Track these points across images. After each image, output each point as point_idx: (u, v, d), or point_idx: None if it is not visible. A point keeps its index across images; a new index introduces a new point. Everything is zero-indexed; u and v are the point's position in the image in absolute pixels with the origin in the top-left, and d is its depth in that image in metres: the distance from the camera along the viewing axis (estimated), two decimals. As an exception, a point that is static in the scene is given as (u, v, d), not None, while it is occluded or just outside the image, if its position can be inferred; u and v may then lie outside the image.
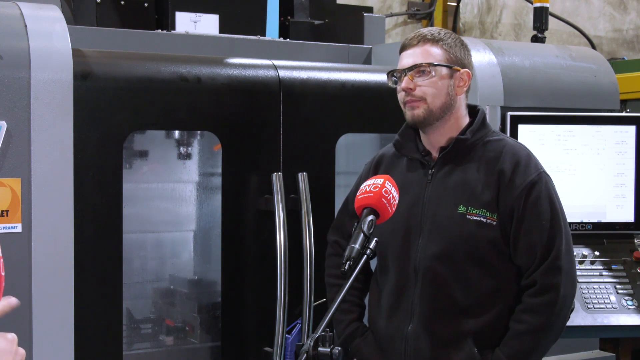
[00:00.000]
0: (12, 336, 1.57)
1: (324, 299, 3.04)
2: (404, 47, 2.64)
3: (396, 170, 2.69)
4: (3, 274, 1.56)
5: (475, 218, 2.53)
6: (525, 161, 2.58)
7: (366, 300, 2.83)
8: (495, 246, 2.54)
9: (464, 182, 2.57)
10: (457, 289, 2.54)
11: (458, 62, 2.60)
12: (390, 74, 2.65)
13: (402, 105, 2.63)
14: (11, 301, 1.58)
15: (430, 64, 2.55)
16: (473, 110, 2.69)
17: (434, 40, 2.59)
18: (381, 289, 2.71)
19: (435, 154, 2.64)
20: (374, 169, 2.77)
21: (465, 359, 2.53)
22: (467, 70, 2.62)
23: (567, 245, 2.57)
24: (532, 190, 2.54)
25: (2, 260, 1.54)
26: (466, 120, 2.66)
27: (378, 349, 2.69)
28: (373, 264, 2.80)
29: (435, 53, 2.58)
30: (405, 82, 2.57)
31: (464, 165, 2.59)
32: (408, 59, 2.60)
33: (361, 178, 2.82)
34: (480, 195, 2.55)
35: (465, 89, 2.63)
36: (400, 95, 2.62)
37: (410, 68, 2.57)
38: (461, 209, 2.55)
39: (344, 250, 2.78)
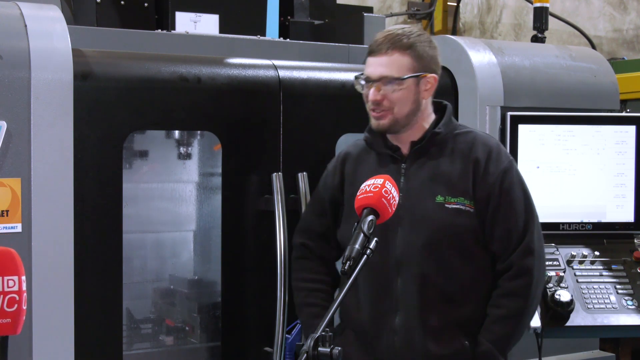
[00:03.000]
0: None
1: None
2: (372, 51, 2.63)
3: (365, 166, 2.73)
4: (24, 307, 1.56)
5: (454, 206, 2.60)
6: (497, 150, 2.67)
7: None
8: (474, 233, 2.62)
9: (438, 174, 2.63)
10: (441, 278, 2.60)
11: (426, 68, 2.63)
12: (357, 79, 2.67)
13: (368, 110, 2.66)
14: None
15: (399, 78, 2.58)
16: (439, 106, 2.75)
17: (404, 48, 2.59)
18: (354, 286, 2.70)
19: (404, 148, 2.69)
20: (340, 168, 2.79)
21: (452, 348, 2.59)
22: (434, 75, 2.66)
23: (538, 229, 2.69)
24: (506, 177, 2.64)
25: (25, 294, 1.53)
26: (432, 117, 2.71)
27: (361, 346, 2.68)
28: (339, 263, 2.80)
29: (404, 63, 2.60)
30: (372, 94, 2.60)
31: (436, 158, 2.66)
32: (377, 67, 2.61)
33: (327, 178, 2.83)
34: (456, 184, 2.62)
35: (431, 92, 2.68)
36: (366, 100, 2.65)
37: (379, 79, 2.59)
38: (439, 198, 2.61)
39: (312, 253, 2.81)
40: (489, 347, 2.59)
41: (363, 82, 2.64)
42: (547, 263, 3.21)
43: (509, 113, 3.34)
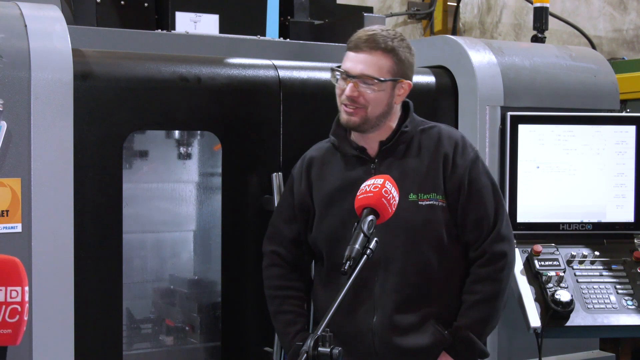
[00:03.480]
0: None
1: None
2: (354, 46, 2.63)
3: (331, 169, 2.75)
4: (26, 318, 1.55)
5: (428, 202, 2.65)
6: (462, 142, 2.73)
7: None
8: (447, 227, 2.66)
9: (408, 171, 2.66)
10: (419, 275, 2.63)
11: (403, 74, 2.66)
12: (333, 71, 2.67)
13: (339, 105, 2.67)
14: None
15: (378, 79, 2.59)
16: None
17: (387, 50, 2.61)
18: (330, 289, 2.70)
19: (370, 148, 2.71)
20: (306, 173, 2.80)
21: (432, 339, 2.63)
22: (409, 82, 2.69)
23: (507, 215, 2.78)
24: (474, 168, 2.70)
25: (27, 305, 1.52)
26: (398, 115, 2.73)
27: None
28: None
29: (384, 65, 2.61)
30: (349, 90, 2.61)
31: (405, 155, 2.69)
32: (357, 64, 2.61)
33: (293, 184, 2.83)
34: (427, 180, 2.66)
35: (403, 97, 2.71)
36: (339, 93, 2.65)
37: (357, 77, 2.60)
38: (412, 197, 2.64)
39: (283, 260, 2.80)
40: (466, 332, 2.64)
41: (339, 76, 2.64)
42: (547, 263, 3.22)
43: (509, 113, 3.34)
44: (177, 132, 3.40)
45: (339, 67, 2.65)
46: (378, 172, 2.65)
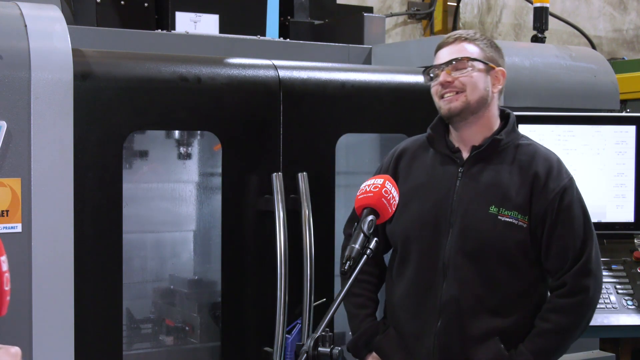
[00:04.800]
0: (15, 350, 1.55)
1: (324, 299, 3.05)
2: (440, 46, 2.66)
3: (420, 163, 2.70)
4: (7, 288, 1.55)
5: (507, 219, 2.55)
6: (557, 166, 2.62)
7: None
8: (523, 249, 2.56)
9: (496, 183, 2.58)
10: (483, 288, 2.56)
11: (493, 61, 2.64)
12: (426, 70, 2.66)
13: (436, 100, 2.64)
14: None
15: (468, 58, 2.58)
16: (502, 114, 2.72)
17: (470, 39, 2.63)
18: (399, 284, 2.70)
19: (464, 151, 2.65)
20: (395, 163, 2.77)
21: (493, 356, 2.55)
22: (501, 68, 2.65)
23: (597, 249, 2.62)
24: (565, 195, 2.58)
25: (7, 274, 1.52)
26: (498, 121, 2.68)
27: (400, 346, 2.68)
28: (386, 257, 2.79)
29: (471, 50, 2.61)
30: (443, 76, 2.59)
31: (496, 166, 2.61)
32: (446, 55, 2.62)
33: (380, 171, 2.79)
34: (512, 197, 2.56)
35: (500, 87, 2.66)
36: (436, 89, 2.63)
37: (448, 62, 2.59)
38: (493, 209, 2.56)
39: None
40: (529, 357, 2.54)
41: (432, 73, 2.63)
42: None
43: (509, 113, 3.33)
44: (177, 132, 3.40)
45: (430, 67, 2.65)
46: (465, 176, 2.60)
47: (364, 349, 2.76)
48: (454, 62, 2.58)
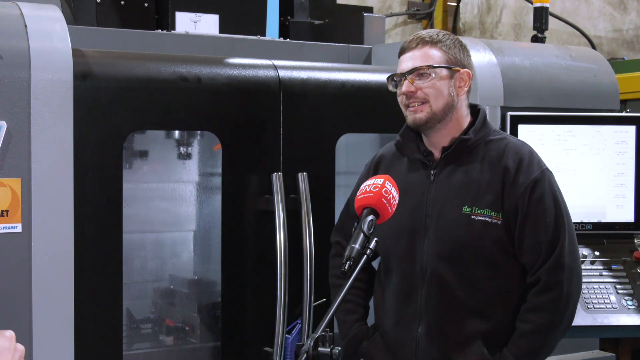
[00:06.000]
0: (10, 333, 1.57)
1: (324, 299, 3.05)
2: (402, 51, 2.63)
3: (397, 171, 2.68)
4: None
5: (481, 218, 2.53)
6: (528, 159, 2.58)
7: (371, 302, 2.83)
8: (501, 246, 2.54)
9: (467, 182, 2.57)
10: (463, 290, 2.54)
11: (457, 63, 2.60)
12: (390, 78, 2.64)
13: (403, 109, 2.62)
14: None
15: (430, 66, 2.55)
16: (474, 110, 2.69)
17: (433, 42, 2.58)
18: (385, 291, 2.71)
19: (437, 154, 2.64)
20: (374, 170, 2.77)
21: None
22: (467, 70, 2.62)
23: (571, 242, 2.57)
24: (536, 188, 2.54)
25: None
26: (468, 119, 2.66)
27: (387, 352, 2.68)
28: (375, 264, 2.79)
29: (434, 55, 2.57)
30: (405, 86, 2.57)
31: (467, 165, 2.59)
32: (407, 62, 2.59)
33: (361, 179, 2.81)
34: (484, 194, 2.54)
35: (466, 89, 2.62)
36: (401, 99, 2.61)
37: (410, 71, 2.56)
38: (466, 209, 2.54)
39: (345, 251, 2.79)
40: None
41: (395, 81, 2.61)
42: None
43: (509, 113, 3.34)
44: (177, 132, 3.40)
45: (393, 74, 2.63)
46: (437, 179, 2.59)
47: (352, 355, 2.75)
48: (414, 72, 2.55)
